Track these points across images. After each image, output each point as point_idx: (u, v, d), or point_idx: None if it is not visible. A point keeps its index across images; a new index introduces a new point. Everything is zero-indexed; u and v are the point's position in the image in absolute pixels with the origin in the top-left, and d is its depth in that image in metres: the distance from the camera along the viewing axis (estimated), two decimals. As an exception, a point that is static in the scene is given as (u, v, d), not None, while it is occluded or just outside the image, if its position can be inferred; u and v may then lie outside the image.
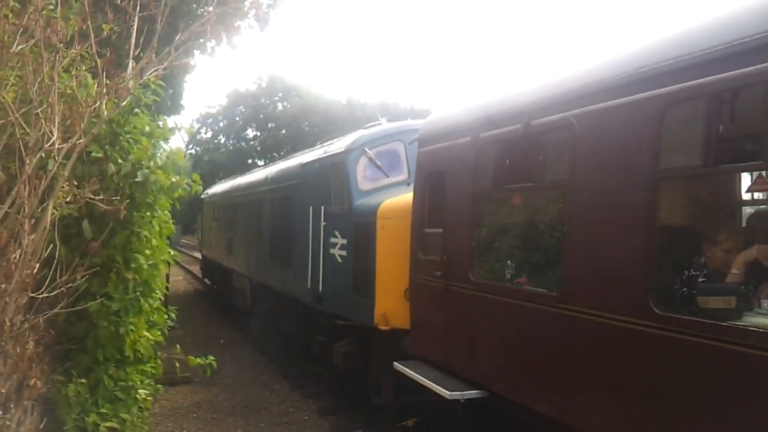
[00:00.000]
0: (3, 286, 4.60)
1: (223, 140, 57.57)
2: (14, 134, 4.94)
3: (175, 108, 20.09)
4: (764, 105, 3.82)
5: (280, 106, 55.02)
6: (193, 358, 7.80)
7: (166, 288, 7.65)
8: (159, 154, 6.91)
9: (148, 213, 6.84)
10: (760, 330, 3.41)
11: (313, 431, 9.84)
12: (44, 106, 4.97)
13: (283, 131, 53.37)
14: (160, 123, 7.23)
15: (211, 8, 5.57)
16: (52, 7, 5.29)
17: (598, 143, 4.64)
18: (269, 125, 55.12)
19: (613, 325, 4.35)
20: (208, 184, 23.63)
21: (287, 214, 12.50)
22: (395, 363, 7.31)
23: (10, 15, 4.90)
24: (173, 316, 7.92)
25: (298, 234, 11.45)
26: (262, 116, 55.24)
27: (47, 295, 5.13)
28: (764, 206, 5.29)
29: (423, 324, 7.32)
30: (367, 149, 9.55)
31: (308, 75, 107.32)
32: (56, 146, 4.92)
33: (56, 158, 4.98)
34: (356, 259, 9.01)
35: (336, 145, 10.59)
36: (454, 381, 6.27)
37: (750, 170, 4.51)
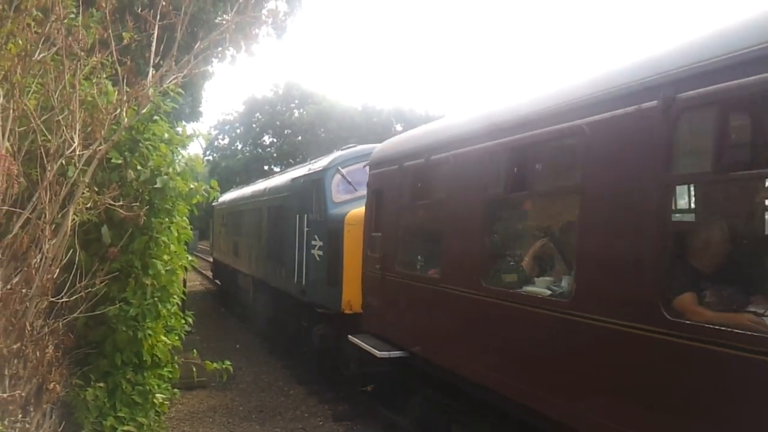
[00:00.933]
0: (24, 290, 4.67)
1: (240, 146, 57.89)
2: (36, 141, 5.01)
3: (193, 115, 20.25)
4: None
5: (296, 113, 55.25)
6: (209, 362, 7.84)
7: (184, 293, 7.69)
8: (178, 161, 6.96)
9: (167, 219, 6.89)
10: (523, 293, 5.73)
11: (328, 437, 9.86)
12: (65, 113, 5.04)
13: (300, 138, 53.57)
14: (179, 130, 7.29)
15: (229, 17, 5.63)
16: (73, 16, 5.38)
17: (463, 174, 6.83)
18: (285, 132, 55.36)
19: (461, 294, 6.64)
20: (225, 190, 24.94)
21: (280, 221, 14.45)
22: (349, 336, 9.14)
23: (33, 24, 4.98)
24: (190, 321, 7.97)
25: (289, 237, 13.28)
26: (278, 123, 55.50)
27: (67, 299, 5.19)
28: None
29: (369, 306, 9.24)
30: (340, 168, 11.62)
31: (324, 82, 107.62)
32: (77, 153, 4.99)
33: (77, 165, 5.05)
34: (329, 257, 10.96)
35: (317, 164, 12.72)
36: (387, 346, 8.13)
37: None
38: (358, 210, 10.05)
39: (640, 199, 4.35)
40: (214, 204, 25.90)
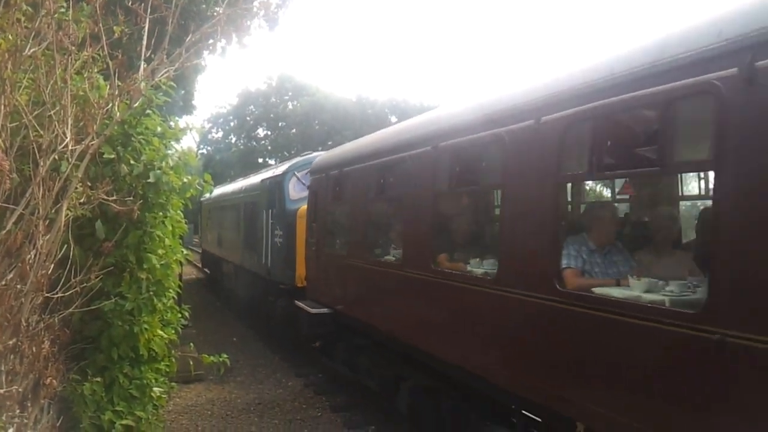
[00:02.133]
0: (19, 286, 4.66)
1: (234, 140, 57.74)
2: (28, 136, 4.99)
3: (186, 108, 20.20)
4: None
5: (290, 105, 55.14)
6: (207, 356, 7.85)
7: (180, 287, 7.69)
8: (171, 155, 6.95)
9: (161, 213, 6.88)
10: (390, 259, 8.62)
11: (326, 428, 9.89)
12: (57, 108, 5.02)
13: (294, 130, 53.48)
14: (172, 124, 7.27)
15: (221, 9, 5.61)
16: (63, 10, 5.34)
17: (363, 181, 9.48)
18: (280, 124, 55.27)
19: (360, 266, 9.33)
20: (219, 183, 26.48)
21: (253, 215, 17.57)
22: (296, 301, 11.95)
23: (23, 18, 4.95)
24: (186, 315, 7.98)
25: (259, 228, 16.44)
26: (272, 115, 55.38)
27: (62, 295, 5.18)
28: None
29: (310, 278, 12.29)
30: (296, 173, 14.66)
31: (318, 74, 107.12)
32: (69, 148, 4.97)
33: (69, 160, 5.03)
34: (287, 243, 13.94)
35: (279, 169, 16.20)
36: (321, 307, 10.96)
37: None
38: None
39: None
40: (202, 200, 27.81)
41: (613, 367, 4.76)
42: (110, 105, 5.35)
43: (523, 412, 6.37)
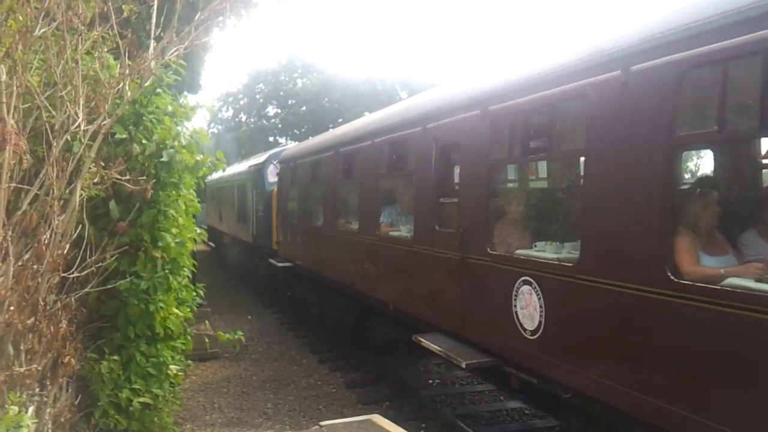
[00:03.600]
0: (35, 266, 4.70)
1: (244, 118, 57.63)
2: (40, 117, 5.01)
3: (195, 87, 20.16)
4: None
5: (299, 83, 54.86)
6: (222, 333, 7.91)
7: (194, 266, 7.73)
8: (183, 134, 6.95)
9: (174, 192, 6.91)
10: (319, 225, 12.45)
11: (341, 403, 9.97)
12: (68, 88, 5.02)
13: (304, 108, 53.26)
14: (183, 102, 7.27)
15: (229, -14, 5.57)
16: (72, -11, 5.32)
17: (309, 171, 13.14)
18: (289, 102, 55.02)
19: (312, 231, 13.00)
20: (230, 162, 26.88)
21: (243, 194, 21.61)
22: (269, 259, 16.11)
23: (32, -1, 4.95)
24: (201, 293, 8.03)
25: (247, 205, 20.52)
26: (282, 93, 55.12)
27: (78, 274, 5.23)
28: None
29: (279, 242, 16.11)
30: (273, 161, 18.25)
31: (327, 55, 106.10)
32: (82, 128, 4.99)
33: (82, 140, 5.05)
34: (265, 216, 17.82)
35: (261, 158, 19.96)
36: (285, 262, 14.99)
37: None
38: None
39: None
40: (206, 181, 28.49)
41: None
42: (121, 84, 5.35)
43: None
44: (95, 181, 5.30)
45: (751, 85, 3.97)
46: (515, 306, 5.85)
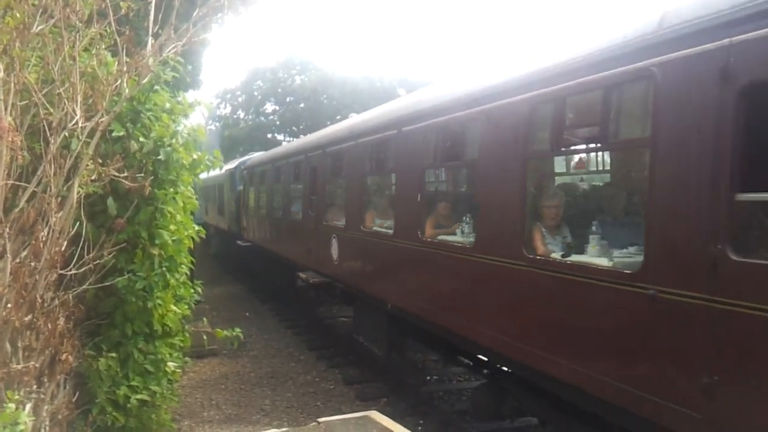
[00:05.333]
0: (33, 263, 4.70)
1: (242, 115, 57.53)
2: (38, 114, 5.00)
3: (194, 84, 20.11)
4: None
5: (298, 80, 54.77)
6: (220, 330, 7.91)
7: (192, 263, 7.73)
8: (180, 131, 6.94)
9: (172, 189, 6.90)
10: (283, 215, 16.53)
11: (339, 400, 9.98)
12: (66, 85, 5.02)
13: (302, 105, 53.18)
14: (180, 99, 7.26)
15: (227, -17, 5.56)
16: (69, -14, 5.31)
17: (272, 175, 17.86)
18: (288, 99, 54.93)
19: (271, 219, 17.63)
20: (228, 159, 30.77)
21: (221, 192, 26.91)
22: (237, 241, 21.86)
23: (30, -5, 4.93)
24: (199, 290, 8.03)
25: (225, 201, 26.08)
26: (280, 90, 55.02)
27: (76, 271, 5.23)
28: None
29: (243, 227, 21.53)
30: (242, 166, 23.09)
31: (325, 52, 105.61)
32: (79, 125, 4.98)
33: (80, 137, 5.04)
34: (236, 210, 23.03)
35: (233, 164, 24.69)
36: (246, 242, 20.76)
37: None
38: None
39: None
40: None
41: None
42: (119, 81, 5.35)
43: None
44: (93, 178, 5.30)
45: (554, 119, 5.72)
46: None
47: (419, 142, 8.30)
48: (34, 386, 4.95)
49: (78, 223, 5.26)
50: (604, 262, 5.19)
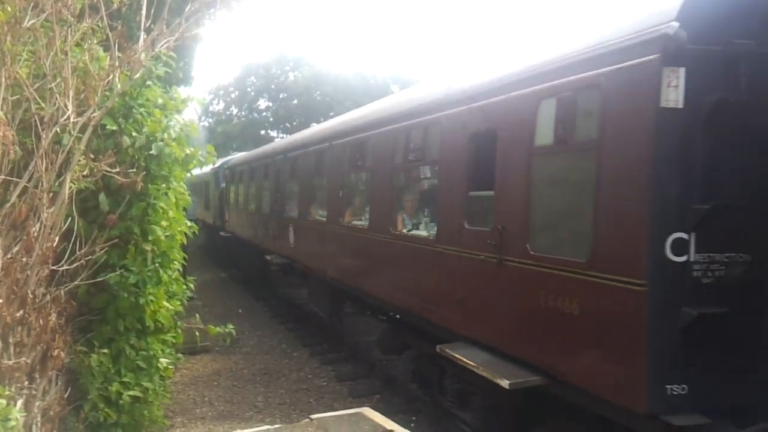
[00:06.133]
0: (24, 259, 4.68)
1: (235, 111, 57.43)
2: (29, 109, 4.98)
3: (186, 80, 20.06)
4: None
5: (291, 76, 54.71)
6: (212, 327, 7.89)
7: (185, 259, 7.70)
8: (173, 126, 6.91)
9: (164, 185, 6.87)
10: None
11: (331, 397, 9.99)
12: (58, 80, 5.00)
13: (295, 101, 53.13)
14: (173, 95, 7.23)
15: (219, -22, 5.54)
16: (61, -20, 5.28)
17: (248, 174, 20.63)
18: (281, 95, 54.86)
19: (247, 212, 20.43)
20: (221, 155, 28.69)
21: (207, 189, 29.61)
22: (220, 232, 24.87)
23: (21, -10, 4.90)
24: (192, 286, 8.00)
25: (210, 197, 28.71)
26: (273, 86, 54.96)
27: (67, 267, 5.21)
28: None
29: (226, 221, 24.38)
30: (225, 166, 25.18)
31: (319, 48, 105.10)
32: (71, 120, 4.96)
33: (71, 132, 5.02)
34: (219, 205, 25.85)
35: (218, 164, 25.01)
36: (228, 233, 23.52)
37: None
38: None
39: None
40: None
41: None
42: (111, 76, 5.33)
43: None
44: (85, 173, 5.28)
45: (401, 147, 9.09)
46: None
47: (340, 154, 11.42)
48: (26, 382, 4.92)
49: (70, 218, 5.24)
50: (424, 233, 8.50)
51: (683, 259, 4.57)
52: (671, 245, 4.55)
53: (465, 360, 6.44)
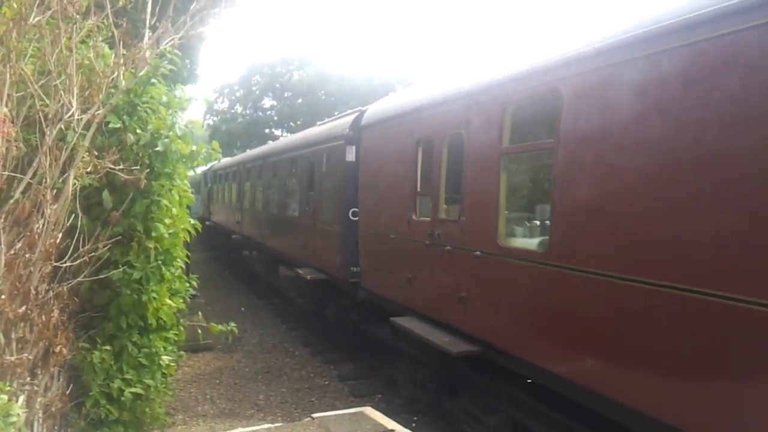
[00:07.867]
0: (27, 255, 4.69)
1: (240, 110, 57.40)
2: (34, 106, 4.99)
3: (191, 78, 20.08)
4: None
5: (296, 76, 54.66)
6: (215, 325, 7.90)
7: (187, 256, 7.71)
8: (178, 124, 6.92)
9: (168, 182, 6.88)
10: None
11: (333, 396, 9.99)
12: (63, 77, 5.00)
13: (300, 100, 53.08)
14: (178, 93, 7.24)
15: (225, -24, 5.54)
16: (67, -23, 5.29)
17: (231, 174, 25.93)
18: (286, 94, 54.81)
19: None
20: (225, 153, 32.06)
21: (199, 187, 31.19)
22: (206, 222, 26.85)
23: (27, -14, 4.91)
24: (195, 284, 8.01)
25: (201, 195, 30.78)
26: (278, 85, 54.90)
27: (70, 264, 5.22)
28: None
29: (211, 212, 30.23)
30: (211, 170, 30.26)
31: (324, 48, 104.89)
32: (75, 117, 4.97)
33: (76, 129, 5.03)
34: (208, 202, 31.43)
35: (207, 167, 29.89)
36: (222, 226, 26.71)
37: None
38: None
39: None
40: None
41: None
42: (115, 74, 5.33)
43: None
44: (88, 170, 5.28)
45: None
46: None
47: (272, 169, 17.25)
48: (28, 378, 4.94)
49: (73, 215, 5.25)
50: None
51: (355, 219, 10.76)
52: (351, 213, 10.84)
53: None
